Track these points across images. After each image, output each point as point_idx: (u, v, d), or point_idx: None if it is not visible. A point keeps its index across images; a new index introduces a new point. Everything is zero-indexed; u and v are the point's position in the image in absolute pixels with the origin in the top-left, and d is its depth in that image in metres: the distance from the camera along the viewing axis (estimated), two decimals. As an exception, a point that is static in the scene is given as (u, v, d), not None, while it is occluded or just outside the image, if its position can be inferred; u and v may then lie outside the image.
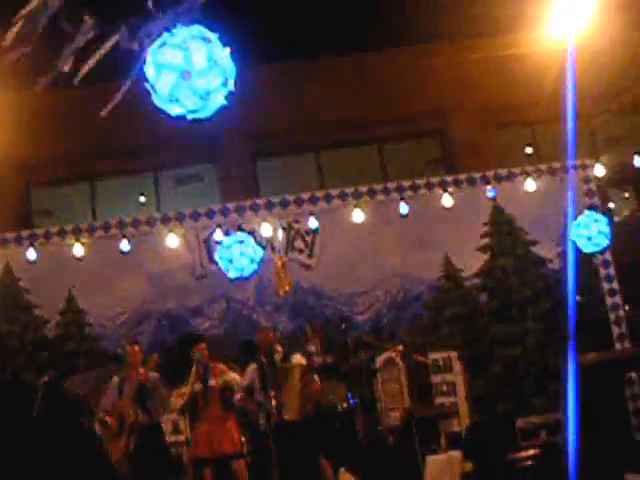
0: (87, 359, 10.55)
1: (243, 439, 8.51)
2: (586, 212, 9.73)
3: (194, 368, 8.27)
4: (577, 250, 10.11)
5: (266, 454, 8.05)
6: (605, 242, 9.49)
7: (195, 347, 8.43)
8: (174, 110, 3.64)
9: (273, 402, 8.07)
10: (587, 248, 9.70)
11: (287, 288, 10.45)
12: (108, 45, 4.22)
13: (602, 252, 10.70)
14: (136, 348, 8.63)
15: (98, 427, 8.55)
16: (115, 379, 8.55)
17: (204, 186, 16.42)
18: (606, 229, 9.40)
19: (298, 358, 8.64)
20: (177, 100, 3.55)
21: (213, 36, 3.55)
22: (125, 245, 10.37)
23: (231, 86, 3.64)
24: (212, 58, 3.50)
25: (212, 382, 8.28)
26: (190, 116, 3.68)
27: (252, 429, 8.76)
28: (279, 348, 8.60)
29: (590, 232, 9.41)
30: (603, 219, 9.52)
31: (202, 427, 8.27)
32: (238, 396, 8.34)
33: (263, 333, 8.84)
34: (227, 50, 3.60)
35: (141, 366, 8.46)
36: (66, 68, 4.30)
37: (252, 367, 8.53)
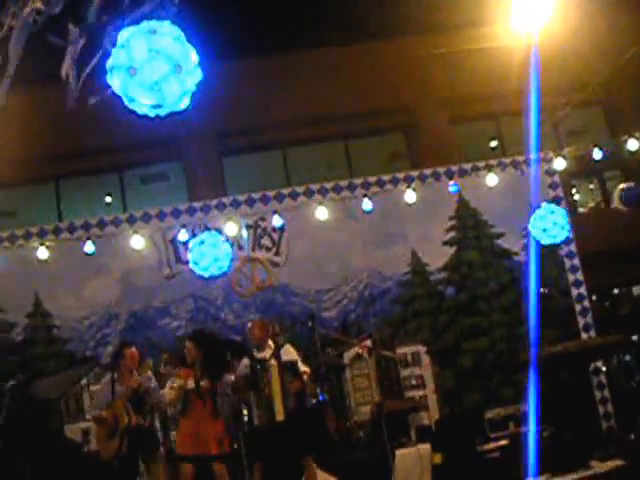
0: (55, 362, 10.47)
1: (230, 441, 8.49)
2: (543, 204, 9.81)
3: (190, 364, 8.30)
4: (538, 242, 10.22)
5: (250, 454, 8.07)
6: (562, 234, 9.53)
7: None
8: (141, 109, 3.59)
9: (263, 401, 8.08)
10: (544, 240, 9.78)
11: (253, 288, 10.49)
12: (76, 48, 4.20)
13: (560, 244, 10.76)
14: (133, 350, 8.57)
15: (93, 425, 8.52)
16: (107, 378, 8.49)
17: (170, 184, 16.39)
18: (562, 220, 9.45)
19: (289, 351, 8.56)
20: (159, 90, 3.50)
21: (160, 26, 3.49)
22: (89, 246, 10.32)
23: (191, 71, 3.57)
24: (153, 48, 3.44)
25: (204, 383, 8.27)
26: (158, 112, 3.63)
27: (240, 428, 8.74)
28: (271, 344, 8.52)
29: (545, 224, 9.48)
30: (560, 211, 9.58)
31: (189, 424, 8.23)
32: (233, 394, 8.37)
33: (258, 326, 8.70)
34: (179, 35, 3.52)
35: (135, 368, 8.42)
36: (72, 82, 4.27)
37: (244, 361, 8.50)
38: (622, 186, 11.16)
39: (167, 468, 8.62)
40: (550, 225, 9.45)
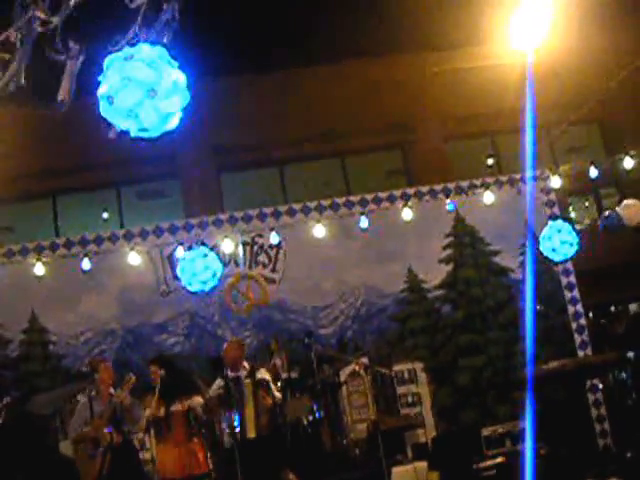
0: (51, 378, 10.44)
1: (209, 458, 8.49)
2: (550, 223, 9.83)
3: (157, 391, 8.23)
4: (537, 260, 10.24)
5: (230, 472, 8.05)
6: (571, 250, 9.56)
7: (149, 369, 8.44)
8: (123, 124, 3.62)
9: (237, 419, 8.08)
10: (556, 258, 9.83)
11: (248, 304, 10.50)
12: (76, 64, 4.21)
13: (557, 262, 10.79)
14: (108, 364, 8.55)
15: (72, 447, 8.47)
16: (84, 399, 8.42)
17: (168, 201, 16.40)
18: (569, 237, 9.48)
19: (263, 373, 8.65)
20: (136, 116, 3.53)
21: (137, 51, 3.54)
22: (86, 264, 10.33)
23: (167, 92, 3.62)
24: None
25: (177, 407, 8.24)
26: (138, 134, 3.66)
27: (217, 446, 8.74)
28: (245, 364, 8.59)
29: (553, 244, 9.51)
30: (566, 228, 9.59)
31: (168, 450, 8.22)
32: (203, 416, 8.34)
33: (233, 346, 8.81)
34: (152, 60, 3.57)
35: (111, 384, 8.39)
36: (63, 97, 4.28)
37: (218, 382, 8.52)
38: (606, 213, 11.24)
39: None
40: (558, 244, 9.49)
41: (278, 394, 8.66)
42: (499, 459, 9.35)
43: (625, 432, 10.66)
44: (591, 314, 15.51)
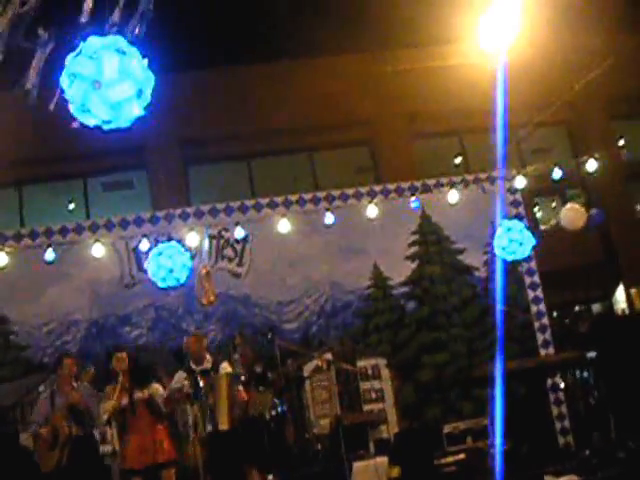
0: (12, 369, 10.35)
1: (173, 447, 8.49)
2: (503, 222, 9.87)
3: (120, 380, 8.21)
4: (502, 259, 10.30)
5: (195, 463, 8.04)
6: (521, 250, 9.57)
7: (114, 358, 8.39)
8: (89, 120, 3.62)
9: (207, 411, 8.07)
10: (506, 257, 9.85)
11: (212, 298, 10.44)
12: (44, 53, 4.19)
13: (520, 261, 10.84)
14: (71, 360, 8.51)
15: (32, 440, 8.42)
16: (47, 391, 8.39)
17: (135, 193, 16.32)
18: (519, 236, 9.49)
19: (226, 367, 8.65)
20: (89, 110, 3.54)
21: (128, 47, 3.55)
22: (50, 254, 10.24)
23: (148, 97, 3.64)
24: (124, 69, 3.49)
25: (138, 395, 8.22)
26: (105, 126, 3.66)
27: (181, 438, 8.74)
28: (208, 356, 8.59)
29: (502, 242, 9.56)
30: (517, 227, 9.61)
31: (132, 439, 8.17)
32: (164, 408, 8.33)
33: (195, 339, 8.77)
34: (143, 61, 3.59)
35: (74, 379, 8.36)
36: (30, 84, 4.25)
37: (180, 374, 8.49)
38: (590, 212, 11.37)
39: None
40: (506, 243, 9.52)
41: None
42: (460, 455, 9.41)
43: (585, 431, 10.79)
44: (555, 314, 15.66)
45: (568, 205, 12.46)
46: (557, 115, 15.04)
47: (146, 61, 3.62)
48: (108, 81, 3.48)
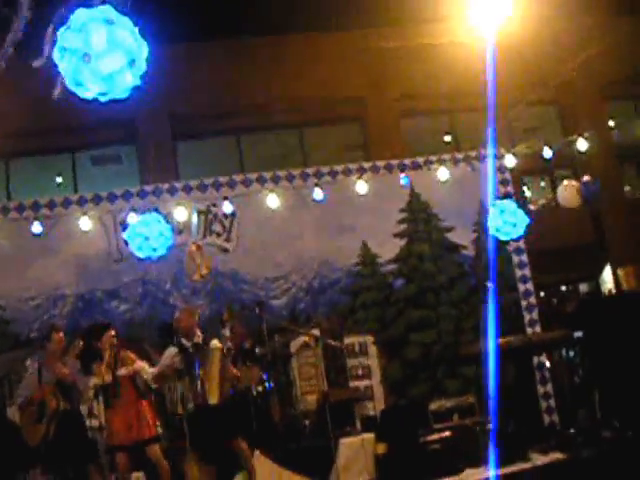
0: (-1, 342, 10.32)
1: (157, 422, 8.51)
2: (496, 203, 9.88)
3: (106, 357, 8.21)
4: (491, 238, 10.32)
5: (183, 437, 8.05)
6: (515, 231, 9.60)
7: (104, 336, 8.37)
8: (84, 93, 3.59)
9: (197, 385, 8.05)
10: (502, 237, 9.89)
11: (204, 271, 10.42)
12: (20, 25, 4.14)
13: (517, 239, 10.88)
14: (60, 335, 8.50)
15: (18, 413, 8.42)
16: (35, 364, 8.39)
17: (123, 167, 16.24)
18: (512, 218, 9.52)
19: (216, 342, 8.62)
20: (82, 84, 3.51)
21: (117, 17, 3.51)
22: (37, 227, 10.19)
23: (141, 66, 3.60)
24: (113, 39, 3.46)
25: (122, 371, 8.22)
26: (102, 98, 3.63)
27: (169, 413, 8.73)
28: (199, 332, 8.56)
29: (497, 223, 9.58)
30: (510, 208, 9.63)
31: (116, 416, 8.19)
32: (152, 383, 8.33)
33: (187, 314, 8.70)
34: (134, 29, 3.56)
35: (63, 353, 8.35)
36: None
37: (171, 350, 8.46)
38: (583, 180, 11.36)
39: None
40: (501, 224, 9.54)
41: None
42: (446, 433, 9.45)
43: (570, 409, 10.86)
44: (542, 293, 15.71)
45: (565, 182, 12.46)
46: (548, 95, 15.05)
47: (137, 29, 3.58)
48: (97, 53, 3.45)
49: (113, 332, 8.47)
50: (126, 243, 9.15)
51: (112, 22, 3.47)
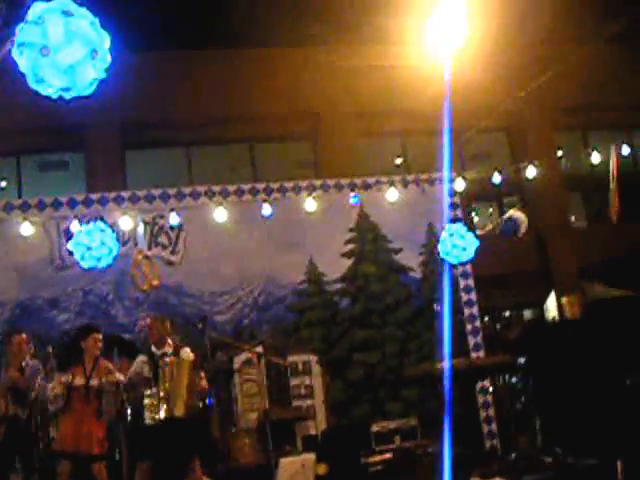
0: None
1: (108, 445, 8.25)
2: (446, 227, 9.96)
3: (85, 360, 7.99)
4: (440, 261, 10.37)
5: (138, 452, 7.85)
6: (463, 254, 9.69)
7: (89, 337, 8.14)
8: (47, 90, 3.47)
9: (164, 396, 7.82)
10: (452, 260, 9.98)
11: (156, 282, 10.26)
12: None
13: (465, 263, 10.95)
14: (23, 336, 8.28)
15: None
16: None
17: (70, 174, 15.95)
18: (461, 242, 9.62)
19: (187, 352, 8.36)
20: (43, 80, 3.39)
21: (76, 8, 3.41)
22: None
23: (105, 58, 3.50)
24: (71, 31, 3.36)
25: (94, 382, 7.99)
26: (66, 95, 3.51)
27: (134, 424, 8.48)
28: (170, 340, 8.32)
29: (446, 248, 9.67)
30: (459, 232, 9.71)
31: (71, 422, 7.93)
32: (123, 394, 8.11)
33: (158, 322, 8.37)
34: (94, 20, 3.46)
35: (23, 356, 8.12)
36: None
37: (141, 358, 8.23)
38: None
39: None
40: (450, 248, 9.63)
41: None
42: (387, 455, 9.40)
43: (511, 434, 10.89)
44: (487, 318, 15.78)
45: (510, 211, 12.55)
46: (498, 121, 15.17)
47: (97, 20, 3.49)
48: (56, 45, 3.35)
49: (100, 336, 8.22)
50: (70, 252, 8.97)
51: (70, 14, 3.36)
